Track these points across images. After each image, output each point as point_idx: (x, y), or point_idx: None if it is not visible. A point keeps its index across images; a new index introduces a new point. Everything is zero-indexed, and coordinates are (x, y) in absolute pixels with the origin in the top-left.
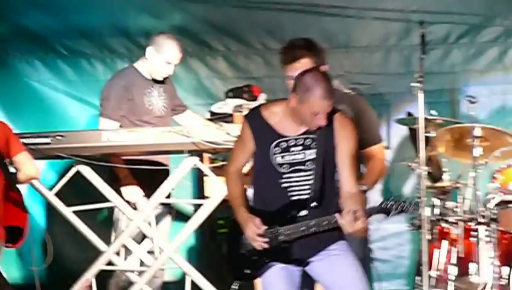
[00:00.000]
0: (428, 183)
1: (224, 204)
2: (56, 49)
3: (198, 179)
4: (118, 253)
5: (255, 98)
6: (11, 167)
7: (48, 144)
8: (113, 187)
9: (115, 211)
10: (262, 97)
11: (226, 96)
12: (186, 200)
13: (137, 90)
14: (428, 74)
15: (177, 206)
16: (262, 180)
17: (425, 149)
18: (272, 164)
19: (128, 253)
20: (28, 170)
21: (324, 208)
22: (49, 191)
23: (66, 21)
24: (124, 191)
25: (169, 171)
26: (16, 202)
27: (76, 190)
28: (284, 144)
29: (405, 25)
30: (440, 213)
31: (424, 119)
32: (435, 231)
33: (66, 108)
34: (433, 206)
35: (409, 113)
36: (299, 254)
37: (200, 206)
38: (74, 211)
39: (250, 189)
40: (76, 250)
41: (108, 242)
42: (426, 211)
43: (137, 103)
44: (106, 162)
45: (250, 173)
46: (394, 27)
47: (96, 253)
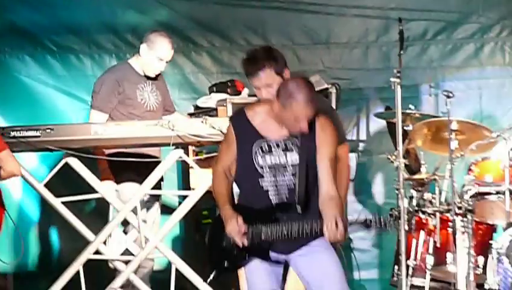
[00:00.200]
0: (406, 176)
1: (209, 195)
2: (45, 45)
3: (184, 171)
4: (105, 243)
5: (238, 93)
6: None
7: (38, 137)
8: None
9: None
10: (246, 92)
11: (210, 90)
12: (172, 192)
13: (130, 85)
14: (406, 69)
15: (162, 197)
16: (244, 181)
17: (403, 142)
18: (254, 165)
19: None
20: (10, 167)
21: (308, 212)
22: (38, 183)
23: (55, 17)
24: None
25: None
26: None
27: (65, 181)
28: (266, 146)
29: (384, 22)
30: (418, 204)
31: (402, 113)
32: (413, 221)
33: (55, 102)
34: (411, 197)
35: (387, 107)
36: (281, 247)
37: (185, 197)
38: (63, 202)
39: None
40: (68, 241)
41: (96, 232)
42: (404, 203)
43: (130, 96)
44: (94, 155)
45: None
46: (373, 24)
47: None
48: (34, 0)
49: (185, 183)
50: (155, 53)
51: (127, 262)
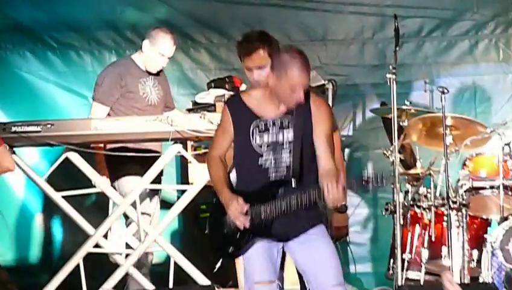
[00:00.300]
0: (401, 170)
1: (207, 190)
2: (46, 42)
3: (182, 165)
4: (106, 237)
5: (236, 89)
6: None
7: (39, 132)
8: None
9: None
10: (243, 88)
11: (209, 86)
12: (170, 186)
13: (132, 79)
14: (402, 66)
15: (161, 192)
16: (243, 161)
17: (398, 137)
18: (252, 145)
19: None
20: (6, 162)
21: (303, 186)
22: (40, 178)
23: (55, 14)
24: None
25: None
26: None
27: (66, 176)
28: (263, 125)
29: (380, 19)
30: (413, 199)
31: (397, 109)
32: (408, 215)
33: (55, 98)
34: (407, 192)
35: (383, 103)
36: (281, 234)
37: (183, 191)
38: (63, 196)
39: (232, 173)
40: (70, 235)
41: (96, 226)
42: (399, 197)
43: (132, 90)
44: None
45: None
46: (369, 21)
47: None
48: None
49: (183, 178)
50: (157, 49)
51: (127, 256)
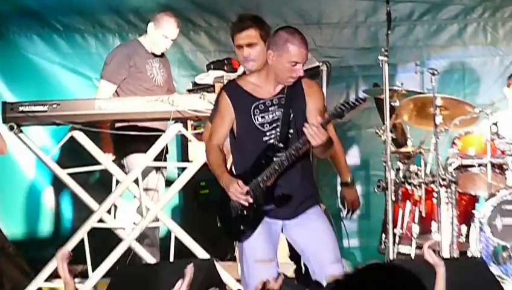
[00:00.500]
0: (393, 149)
1: (206, 167)
2: (52, 25)
3: (183, 144)
4: (110, 211)
5: (234, 70)
6: None
7: (45, 111)
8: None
9: None
10: (241, 69)
11: (208, 68)
12: (171, 163)
13: (140, 59)
14: (393, 49)
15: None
16: (245, 143)
17: (390, 117)
18: (255, 125)
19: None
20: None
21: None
22: (46, 155)
23: None
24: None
25: None
26: None
27: (72, 155)
28: (262, 106)
29: (372, 3)
30: (404, 176)
31: (389, 90)
32: (399, 192)
33: (61, 78)
34: (398, 169)
35: (375, 84)
36: (280, 213)
37: (184, 169)
38: (69, 173)
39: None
40: (76, 211)
41: (100, 202)
42: (391, 174)
43: (140, 70)
44: (98, 128)
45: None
46: (362, 5)
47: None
48: None
49: (184, 156)
50: (161, 31)
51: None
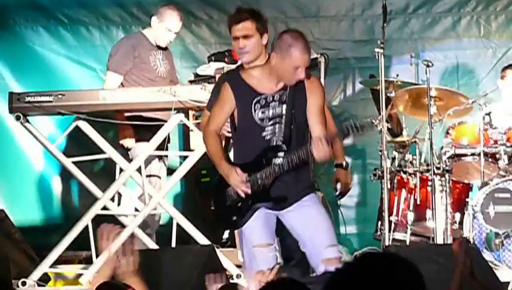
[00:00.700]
0: (389, 138)
1: (207, 156)
2: (57, 18)
3: (184, 133)
4: (113, 199)
5: (235, 62)
6: None
7: (50, 102)
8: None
9: None
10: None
11: (209, 60)
12: (173, 152)
13: (144, 50)
14: (389, 41)
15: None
16: (245, 136)
17: (386, 108)
18: (254, 120)
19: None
20: None
21: (292, 148)
22: (51, 144)
23: None
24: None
25: None
26: None
27: (77, 144)
28: (263, 101)
29: None
30: (399, 165)
31: (385, 81)
32: (395, 180)
33: (66, 70)
34: (393, 158)
35: (371, 75)
36: (276, 203)
37: (185, 157)
38: (74, 162)
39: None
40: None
41: (104, 190)
42: (387, 163)
43: (144, 61)
44: (103, 118)
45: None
46: None
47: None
48: None
49: (185, 145)
50: (164, 24)
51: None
